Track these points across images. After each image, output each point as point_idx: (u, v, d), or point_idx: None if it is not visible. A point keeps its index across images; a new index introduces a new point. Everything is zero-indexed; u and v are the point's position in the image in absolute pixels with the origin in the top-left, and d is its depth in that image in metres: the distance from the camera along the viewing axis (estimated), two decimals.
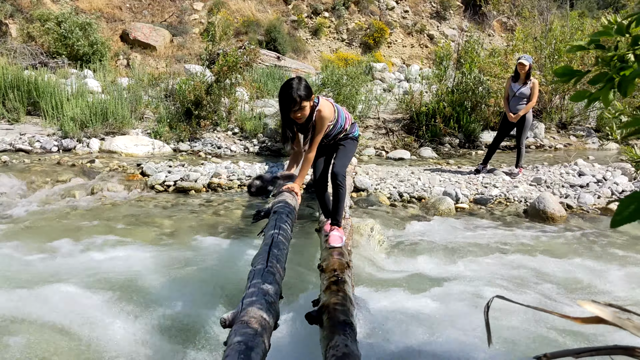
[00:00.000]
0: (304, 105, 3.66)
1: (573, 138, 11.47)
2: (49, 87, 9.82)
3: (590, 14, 19.66)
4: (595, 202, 6.81)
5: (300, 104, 3.62)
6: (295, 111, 3.66)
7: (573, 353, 0.92)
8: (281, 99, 3.69)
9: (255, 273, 2.33)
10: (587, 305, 0.87)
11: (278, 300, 2.30)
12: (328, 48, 20.63)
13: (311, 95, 3.72)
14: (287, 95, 3.62)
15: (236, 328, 1.86)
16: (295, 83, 3.65)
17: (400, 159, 9.45)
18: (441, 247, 5.31)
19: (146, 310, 3.76)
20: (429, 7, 24.63)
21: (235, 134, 10.03)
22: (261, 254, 2.60)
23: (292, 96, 3.59)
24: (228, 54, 9.67)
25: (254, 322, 1.87)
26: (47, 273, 4.35)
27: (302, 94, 3.61)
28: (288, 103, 3.63)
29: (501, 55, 11.67)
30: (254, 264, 2.50)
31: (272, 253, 2.60)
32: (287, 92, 3.62)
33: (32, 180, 6.95)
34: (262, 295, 2.08)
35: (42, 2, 16.39)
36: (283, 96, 3.65)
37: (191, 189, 7.07)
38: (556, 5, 18.98)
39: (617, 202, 3.73)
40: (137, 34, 16.59)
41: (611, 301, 0.92)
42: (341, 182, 4.10)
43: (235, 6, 19.67)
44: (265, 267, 2.40)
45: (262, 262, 2.46)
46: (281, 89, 3.70)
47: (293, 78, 3.75)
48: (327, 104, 3.91)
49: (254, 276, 2.29)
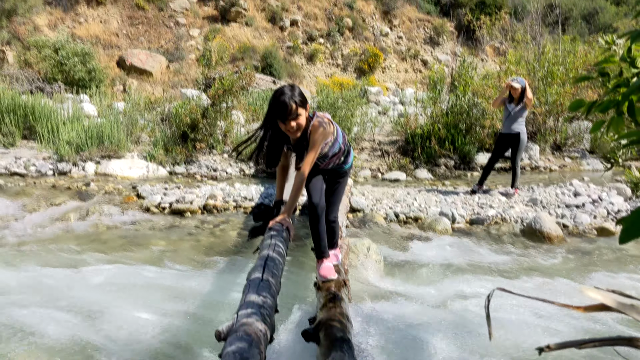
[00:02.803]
0: (300, 113, 3.23)
1: (568, 160, 11.52)
2: (45, 111, 9.85)
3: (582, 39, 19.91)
4: (591, 222, 6.81)
5: (295, 111, 3.19)
6: (290, 120, 3.21)
7: (576, 344, 0.90)
8: (273, 107, 3.23)
9: (251, 286, 2.30)
10: (589, 292, 0.86)
11: (274, 313, 2.27)
12: (323, 73, 20.81)
13: (306, 104, 3.30)
14: (279, 102, 3.17)
15: (231, 340, 1.83)
16: (289, 89, 3.23)
17: (395, 180, 9.47)
18: (438, 267, 5.28)
19: (140, 330, 3.71)
20: (423, 33, 24.96)
21: (231, 156, 10.04)
22: (257, 267, 2.58)
23: (285, 102, 3.15)
24: (224, 77, 9.74)
25: (249, 334, 1.85)
26: (39, 296, 4.30)
27: (297, 100, 3.20)
28: (281, 110, 3.18)
29: (494, 78, 11.78)
30: (249, 277, 2.48)
31: (267, 267, 2.58)
32: (279, 98, 3.18)
33: (26, 203, 6.92)
34: (257, 308, 2.06)
35: (39, 29, 16.54)
36: (275, 103, 3.20)
37: (187, 211, 7.05)
38: (548, 30, 19.24)
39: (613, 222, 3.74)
40: (133, 60, 16.72)
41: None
42: (335, 223, 3.97)
43: (231, 32, 19.89)
44: (261, 280, 2.37)
45: (258, 275, 2.44)
46: (273, 95, 3.25)
47: (285, 85, 3.33)
48: (324, 118, 3.48)
49: (250, 289, 2.27)
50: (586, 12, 31.32)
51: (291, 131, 3.29)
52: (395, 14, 24.66)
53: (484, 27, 16.43)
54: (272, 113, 3.25)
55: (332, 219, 3.87)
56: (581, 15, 30.52)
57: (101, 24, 18.30)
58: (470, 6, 25.05)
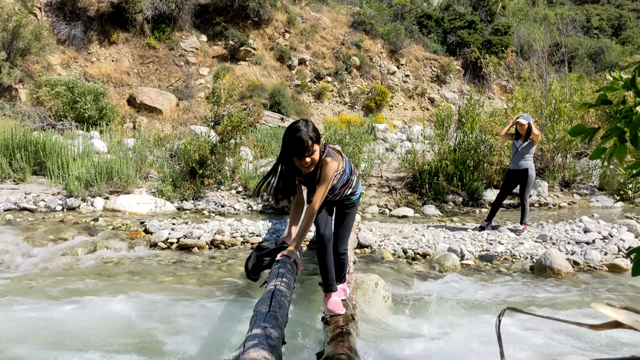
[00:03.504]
0: (315, 149, 3.24)
1: (577, 196, 11.46)
2: (55, 147, 9.96)
3: (588, 77, 20.06)
4: (602, 258, 6.73)
5: (311, 147, 3.20)
6: (306, 155, 3.22)
7: None
8: (289, 143, 3.22)
9: (258, 317, 2.28)
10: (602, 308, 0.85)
11: (281, 344, 2.24)
12: (331, 111, 21.00)
13: (320, 138, 3.32)
14: (296, 138, 3.16)
15: None
16: (303, 124, 3.23)
17: (403, 216, 9.43)
18: (447, 303, 5.21)
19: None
20: (430, 72, 25.23)
21: (239, 192, 10.07)
22: (264, 299, 2.55)
23: (302, 139, 3.14)
24: (233, 114, 9.84)
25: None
26: (46, 330, 4.27)
27: (312, 136, 3.21)
28: (298, 147, 3.16)
29: (501, 115, 11.84)
30: (256, 308, 2.46)
31: (275, 299, 2.55)
32: (296, 134, 3.17)
33: (34, 238, 6.93)
34: (264, 338, 2.03)
35: (52, 67, 16.87)
36: (292, 140, 3.19)
37: (194, 246, 7.03)
38: (554, 69, 19.42)
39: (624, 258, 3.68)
40: (144, 98, 16.96)
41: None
42: (344, 256, 3.88)
43: (240, 71, 20.19)
44: (268, 311, 2.35)
45: (265, 307, 2.41)
46: (288, 131, 3.26)
47: (298, 120, 3.32)
48: (334, 151, 3.51)
49: (257, 320, 2.24)
50: (592, 51, 31.67)
51: (305, 166, 3.30)
52: (402, 53, 24.99)
53: (491, 65, 16.60)
54: (288, 149, 3.25)
55: (342, 251, 3.82)
56: (587, 54, 30.86)
57: (113, 63, 18.64)
58: (476, 45, 25.38)
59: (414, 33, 26.93)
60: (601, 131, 1.70)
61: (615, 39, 41.33)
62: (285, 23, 23.21)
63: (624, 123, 1.50)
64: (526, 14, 35.74)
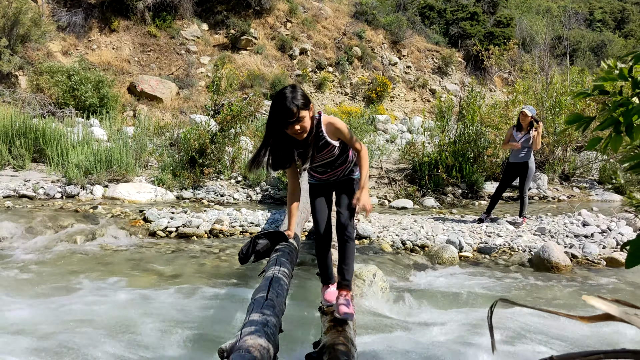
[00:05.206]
0: (303, 115, 3.07)
1: (576, 190, 11.46)
2: (55, 134, 9.94)
3: (590, 71, 20.01)
4: (600, 252, 6.73)
5: (297, 114, 3.03)
6: (293, 123, 3.06)
7: (580, 356, 0.88)
8: (274, 112, 3.08)
9: (255, 304, 2.28)
10: (593, 301, 0.85)
11: (278, 332, 2.24)
12: (332, 101, 20.95)
13: (309, 104, 3.15)
14: (281, 106, 3.02)
15: (234, 357, 1.81)
16: (289, 91, 3.06)
17: (403, 208, 9.44)
18: (445, 296, 5.23)
19: (143, 349, 3.68)
20: (431, 63, 25.15)
21: (239, 182, 10.07)
22: (262, 287, 2.56)
23: (287, 106, 3.00)
24: (233, 103, 9.82)
25: (253, 351, 1.83)
26: (41, 318, 4.28)
27: (299, 103, 3.03)
28: (284, 115, 3.02)
29: (502, 107, 11.81)
30: (254, 296, 2.46)
31: (272, 287, 2.56)
32: (280, 102, 3.03)
33: (34, 225, 6.93)
34: (261, 326, 2.04)
35: (52, 55, 16.80)
36: (276, 108, 3.05)
37: (193, 235, 7.04)
38: (556, 62, 19.36)
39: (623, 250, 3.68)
40: (144, 86, 16.91)
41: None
42: (350, 233, 3.45)
43: (241, 60, 20.12)
44: (265, 299, 2.35)
45: (263, 295, 2.42)
46: (273, 100, 3.10)
47: (286, 87, 3.14)
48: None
49: (254, 307, 2.25)
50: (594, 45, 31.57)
51: (297, 134, 3.14)
52: (404, 44, 24.90)
53: (493, 57, 16.54)
54: (274, 119, 3.10)
55: (348, 234, 3.45)
56: (589, 48, 30.76)
57: (113, 51, 18.57)
58: (478, 37, 25.29)
59: (416, 24, 26.84)
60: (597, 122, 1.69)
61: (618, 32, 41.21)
62: (287, 12, 23.11)
63: (619, 112, 1.49)
64: (529, 6, 35.61)
